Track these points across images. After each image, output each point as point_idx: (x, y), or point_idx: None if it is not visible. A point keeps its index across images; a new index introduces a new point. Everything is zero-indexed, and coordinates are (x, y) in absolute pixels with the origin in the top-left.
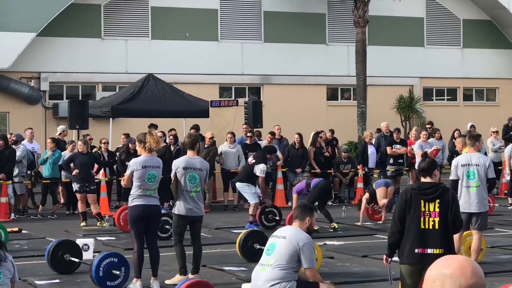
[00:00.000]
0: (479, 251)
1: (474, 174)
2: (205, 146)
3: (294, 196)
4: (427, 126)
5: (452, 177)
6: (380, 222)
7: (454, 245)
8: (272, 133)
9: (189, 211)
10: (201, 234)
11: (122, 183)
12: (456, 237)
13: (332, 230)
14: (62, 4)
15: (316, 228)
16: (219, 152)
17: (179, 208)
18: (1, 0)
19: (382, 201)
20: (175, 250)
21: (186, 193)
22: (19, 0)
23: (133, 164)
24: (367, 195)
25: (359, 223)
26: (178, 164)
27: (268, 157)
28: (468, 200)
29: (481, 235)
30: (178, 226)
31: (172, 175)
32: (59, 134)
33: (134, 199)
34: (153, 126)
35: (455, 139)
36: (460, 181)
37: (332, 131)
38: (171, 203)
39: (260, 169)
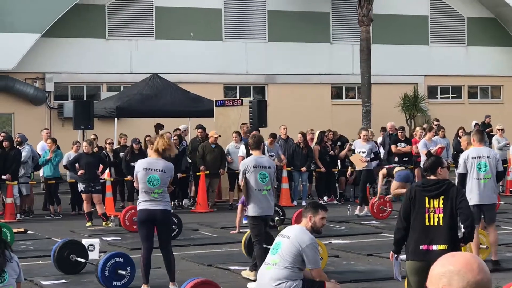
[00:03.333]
0: (497, 243)
1: (486, 166)
2: (212, 145)
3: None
4: (435, 123)
5: (460, 170)
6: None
7: (459, 241)
8: (273, 135)
9: (263, 210)
10: (206, 233)
11: (134, 184)
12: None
13: None
14: (67, 5)
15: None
16: (226, 151)
17: (253, 209)
18: (5, 1)
19: (394, 191)
20: (254, 250)
21: (258, 192)
22: (23, 1)
23: (137, 166)
24: (384, 170)
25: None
26: (247, 163)
27: None
28: (480, 192)
29: (495, 226)
30: (255, 227)
31: (240, 176)
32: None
33: (140, 203)
34: (159, 126)
35: (460, 137)
36: (470, 174)
37: (334, 133)
38: (176, 203)
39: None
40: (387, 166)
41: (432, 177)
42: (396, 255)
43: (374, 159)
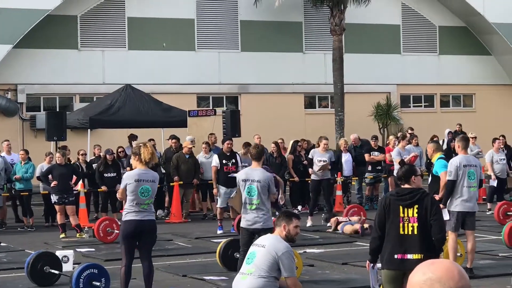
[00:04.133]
0: (475, 250)
1: (473, 175)
2: (186, 155)
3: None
4: (409, 131)
5: (452, 177)
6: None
7: (435, 250)
8: (247, 144)
9: (249, 223)
10: (180, 244)
11: (118, 196)
12: (453, 237)
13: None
14: (38, 16)
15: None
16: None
17: (242, 220)
18: None
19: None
20: (239, 261)
21: (247, 206)
22: None
23: (126, 178)
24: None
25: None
26: (238, 176)
27: None
28: (469, 200)
29: (474, 234)
30: (242, 238)
31: (237, 188)
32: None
33: (127, 214)
34: (133, 137)
35: None
36: (460, 182)
37: (308, 142)
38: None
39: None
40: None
41: (406, 185)
42: (372, 264)
43: (332, 168)
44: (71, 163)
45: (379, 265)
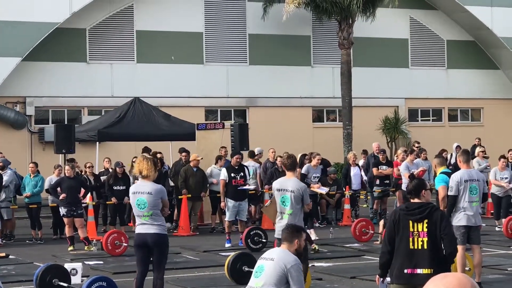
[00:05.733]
0: (481, 264)
1: (476, 189)
2: (194, 168)
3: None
4: (416, 145)
5: (453, 193)
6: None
7: (445, 265)
8: (252, 152)
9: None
10: (188, 257)
11: None
12: (460, 251)
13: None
14: (47, 29)
15: (314, 248)
16: (208, 174)
17: (276, 230)
18: None
19: None
20: None
21: (280, 215)
22: (4, 25)
23: (130, 190)
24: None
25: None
26: (273, 185)
27: None
28: (472, 214)
29: (480, 248)
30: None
31: (272, 197)
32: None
33: (135, 227)
34: (146, 150)
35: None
36: (462, 197)
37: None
38: None
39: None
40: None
41: (416, 200)
42: (382, 278)
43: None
44: (80, 175)
45: (388, 279)
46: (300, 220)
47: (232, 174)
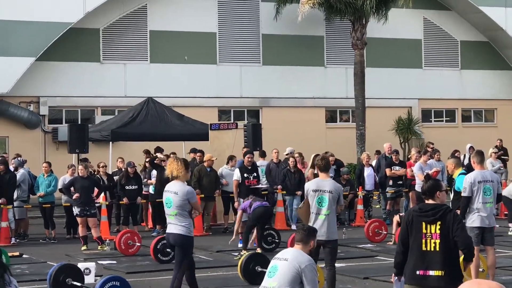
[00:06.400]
0: (495, 265)
1: (490, 190)
2: (207, 168)
3: (239, 212)
4: (430, 146)
5: (466, 194)
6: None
7: (458, 267)
8: (263, 153)
9: (319, 234)
10: (201, 257)
11: None
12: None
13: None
14: (61, 29)
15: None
16: (219, 174)
17: None
18: (0, 25)
19: None
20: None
21: (316, 216)
22: (18, 25)
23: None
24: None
25: None
26: (308, 186)
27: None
28: (486, 215)
29: (494, 249)
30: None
31: (304, 199)
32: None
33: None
34: (159, 150)
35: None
36: (475, 197)
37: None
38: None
39: None
40: (401, 214)
41: (430, 201)
42: (397, 277)
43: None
44: (93, 175)
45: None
46: (334, 221)
47: (245, 175)
